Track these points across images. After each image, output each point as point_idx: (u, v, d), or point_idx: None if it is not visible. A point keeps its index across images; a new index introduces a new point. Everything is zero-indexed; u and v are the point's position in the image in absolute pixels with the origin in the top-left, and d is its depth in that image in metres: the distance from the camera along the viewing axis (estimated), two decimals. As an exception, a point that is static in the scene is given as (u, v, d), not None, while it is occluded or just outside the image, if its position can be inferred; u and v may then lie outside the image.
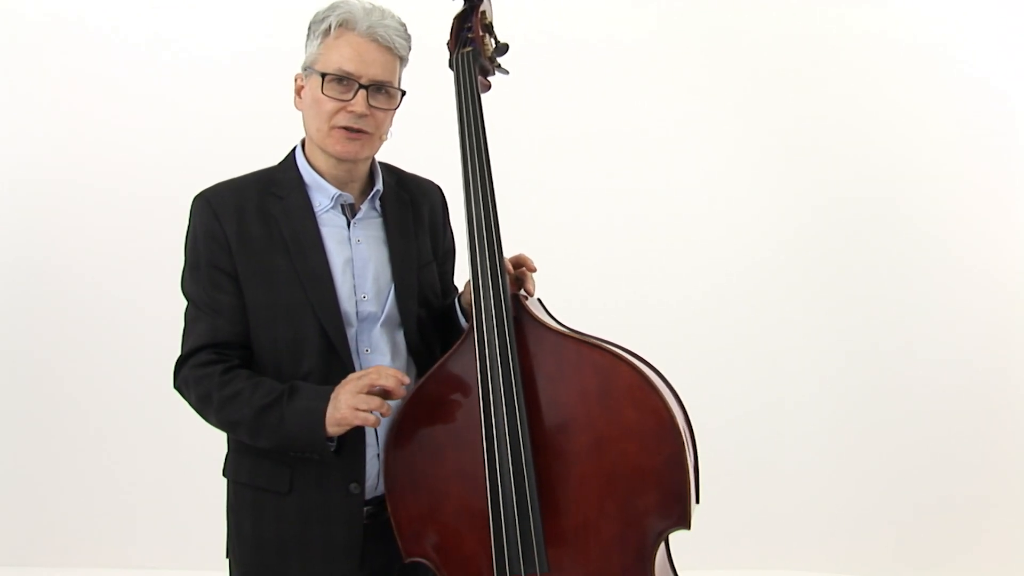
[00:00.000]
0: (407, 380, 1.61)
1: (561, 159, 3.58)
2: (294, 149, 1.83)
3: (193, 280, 1.76)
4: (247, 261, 1.72)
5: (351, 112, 1.69)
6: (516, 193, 2.18)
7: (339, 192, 1.77)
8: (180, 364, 1.76)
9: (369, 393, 1.59)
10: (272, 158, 1.86)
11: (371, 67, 1.69)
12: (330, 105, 1.69)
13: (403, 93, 1.76)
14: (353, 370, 1.72)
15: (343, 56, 1.68)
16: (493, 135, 1.77)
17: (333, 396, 1.62)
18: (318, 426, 1.61)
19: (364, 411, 1.58)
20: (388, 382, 1.59)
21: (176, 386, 1.78)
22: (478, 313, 1.64)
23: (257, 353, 1.75)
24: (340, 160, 1.74)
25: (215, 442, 2.14)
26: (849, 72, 3.52)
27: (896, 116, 3.49)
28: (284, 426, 1.64)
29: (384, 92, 1.72)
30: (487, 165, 1.74)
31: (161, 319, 3.47)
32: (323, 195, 1.77)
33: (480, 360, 1.62)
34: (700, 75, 3.60)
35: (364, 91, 1.69)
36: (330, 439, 1.63)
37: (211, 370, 1.71)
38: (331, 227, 1.77)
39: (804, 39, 3.53)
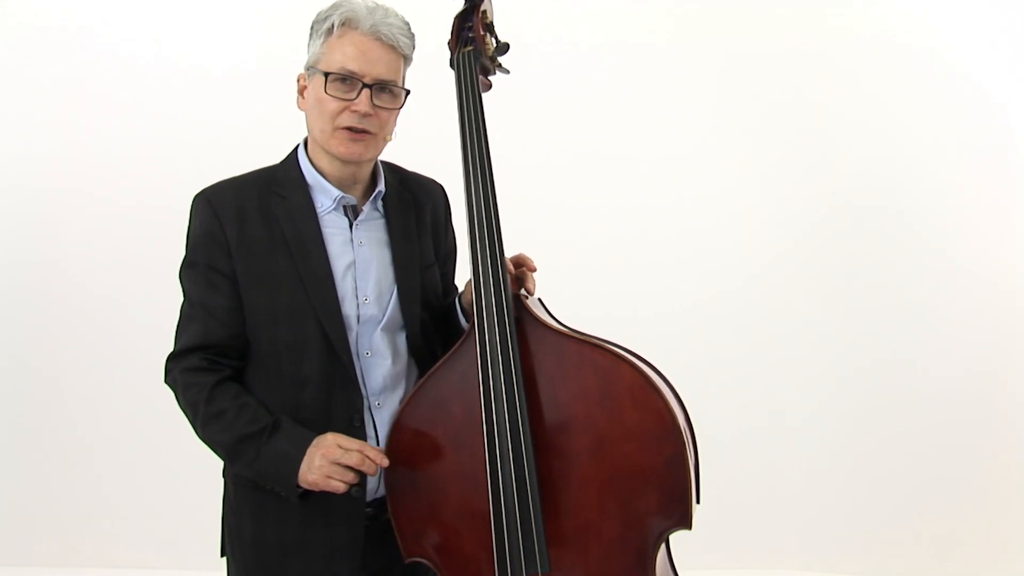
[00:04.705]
0: (386, 463, 1.63)
1: (562, 159, 3.58)
2: (296, 148, 1.82)
3: (190, 278, 1.76)
4: (248, 263, 1.71)
5: (355, 112, 1.67)
6: (517, 192, 2.18)
7: (342, 194, 1.75)
8: (171, 361, 1.77)
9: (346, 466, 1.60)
10: (271, 161, 1.85)
11: (375, 66, 1.68)
12: (333, 105, 1.68)
13: (407, 92, 1.75)
14: (354, 373, 1.72)
15: (346, 55, 1.67)
16: (494, 134, 1.76)
17: (309, 453, 1.62)
18: (291, 474, 1.63)
19: (337, 480, 1.60)
20: (367, 468, 1.60)
21: (166, 381, 1.79)
22: (479, 313, 1.63)
23: (258, 355, 1.73)
24: (344, 162, 1.73)
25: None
26: (856, 80, 3.52)
27: (903, 125, 3.49)
28: (259, 462, 1.66)
29: (388, 91, 1.71)
30: (488, 164, 1.73)
31: (155, 321, 3.47)
32: (325, 196, 1.76)
33: (481, 360, 1.61)
34: (702, 73, 3.60)
35: (368, 90, 1.67)
36: (299, 486, 1.65)
37: (201, 379, 1.70)
38: (333, 229, 1.75)
39: (811, 48, 3.53)
